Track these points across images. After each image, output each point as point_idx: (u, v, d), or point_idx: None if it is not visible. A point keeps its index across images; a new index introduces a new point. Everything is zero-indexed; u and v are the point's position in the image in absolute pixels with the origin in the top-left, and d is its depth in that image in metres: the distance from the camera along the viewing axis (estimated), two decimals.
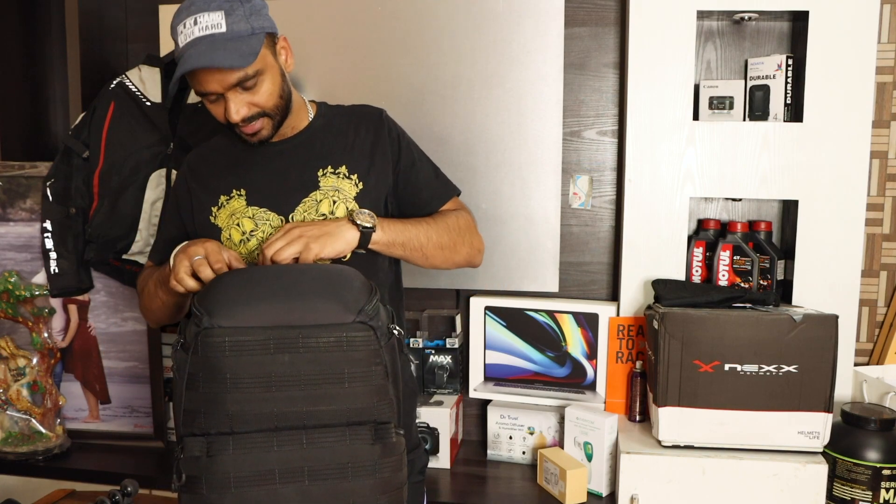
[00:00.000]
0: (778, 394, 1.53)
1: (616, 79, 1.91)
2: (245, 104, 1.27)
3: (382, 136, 1.41)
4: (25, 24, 2.17)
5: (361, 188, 1.36)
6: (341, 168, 1.36)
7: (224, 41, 1.20)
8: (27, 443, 1.90)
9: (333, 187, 1.35)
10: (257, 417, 1.01)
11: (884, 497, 1.51)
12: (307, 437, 1.02)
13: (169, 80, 1.91)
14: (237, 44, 1.21)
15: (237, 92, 1.25)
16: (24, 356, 1.93)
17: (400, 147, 1.43)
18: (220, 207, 1.37)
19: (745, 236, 1.80)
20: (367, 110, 1.46)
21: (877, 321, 1.88)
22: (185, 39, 1.22)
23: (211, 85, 1.24)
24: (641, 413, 1.78)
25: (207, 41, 1.20)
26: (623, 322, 1.82)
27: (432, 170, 1.48)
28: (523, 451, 1.87)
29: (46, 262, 1.91)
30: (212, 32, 1.20)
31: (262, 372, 1.01)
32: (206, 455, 1.01)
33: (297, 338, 1.02)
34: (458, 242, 1.40)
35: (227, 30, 1.21)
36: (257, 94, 1.27)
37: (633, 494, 1.57)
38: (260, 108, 1.28)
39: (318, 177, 1.36)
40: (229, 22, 1.21)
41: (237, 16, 1.22)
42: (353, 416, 1.03)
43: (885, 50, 1.82)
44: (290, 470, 1.01)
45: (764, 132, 1.73)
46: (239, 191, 1.37)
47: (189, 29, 1.21)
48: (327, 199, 1.34)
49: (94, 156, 1.89)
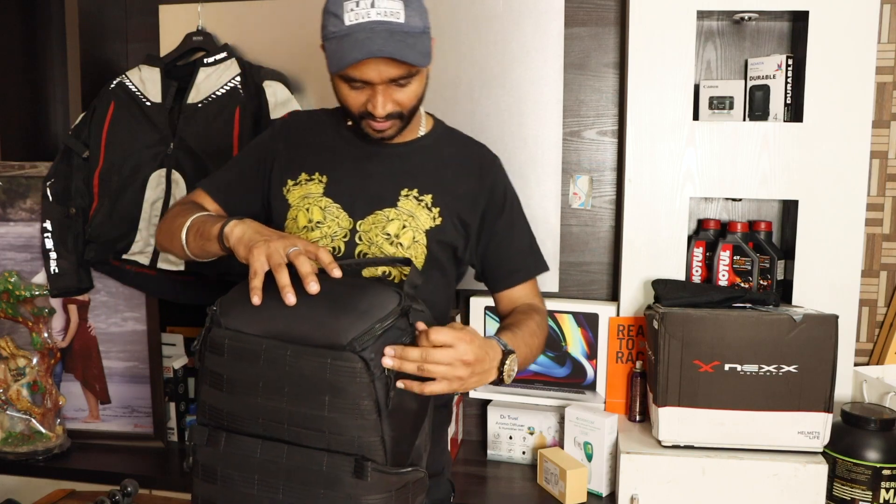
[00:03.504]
0: (778, 394, 1.53)
1: (616, 79, 1.91)
2: (392, 101, 1.18)
3: (485, 186, 1.32)
4: (25, 24, 2.17)
5: (437, 225, 1.27)
6: (426, 196, 1.27)
7: (402, 33, 1.11)
8: (27, 443, 1.90)
9: (409, 212, 1.26)
10: (247, 421, 1.01)
11: (884, 497, 1.51)
12: (288, 453, 0.99)
13: (169, 79, 1.91)
14: (415, 39, 1.12)
15: (389, 87, 1.17)
16: (24, 356, 1.93)
17: (504, 205, 1.33)
18: (298, 184, 1.30)
19: (745, 236, 1.80)
20: (482, 152, 1.36)
21: (877, 321, 1.88)
22: (355, 18, 1.11)
23: (369, 73, 1.14)
24: (641, 413, 1.77)
25: (385, 28, 1.10)
26: (623, 322, 1.82)
27: (529, 240, 1.38)
28: (523, 451, 1.87)
29: (46, 262, 1.91)
30: (389, 20, 1.10)
31: (253, 380, 1.00)
32: (204, 444, 1.04)
33: (285, 355, 0.97)
34: (544, 342, 1.31)
35: (405, 22, 1.11)
36: (404, 94, 1.18)
37: (633, 494, 1.57)
38: (400, 108, 1.20)
39: (400, 196, 1.27)
40: (407, 14, 1.11)
41: (413, 9, 1.13)
42: (334, 445, 0.97)
43: (885, 50, 1.82)
44: (269, 480, 1.00)
45: (764, 132, 1.73)
46: (321, 176, 1.29)
47: (363, 9, 1.10)
48: (399, 220, 1.26)
49: (94, 156, 1.89)
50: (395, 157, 1.30)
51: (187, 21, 2.01)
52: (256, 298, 1.00)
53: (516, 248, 1.35)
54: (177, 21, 2.03)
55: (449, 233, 1.28)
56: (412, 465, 1.03)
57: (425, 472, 1.06)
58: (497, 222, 1.32)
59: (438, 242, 1.27)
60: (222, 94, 1.87)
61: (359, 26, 1.11)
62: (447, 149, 1.34)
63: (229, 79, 1.88)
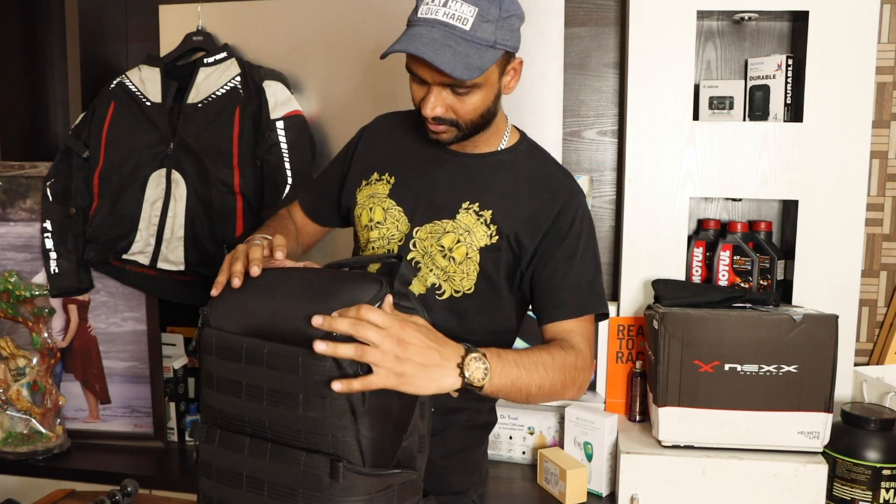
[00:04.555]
0: (778, 394, 1.53)
1: (616, 79, 1.91)
2: (444, 105, 1.15)
3: (553, 211, 1.24)
4: (25, 24, 2.17)
5: (493, 243, 1.22)
6: (486, 212, 1.23)
7: (459, 40, 1.08)
8: (27, 443, 1.90)
9: (466, 227, 1.23)
10: (234, 419, 1.02)
11: (884, 497, 1.51)
12: (271, 451, 0.98)
13: (169, 79, 1.91)
14: (470, 50, 1.09)
15: (444, 90, 1.14)
16: (24, 356, 1.93)
17: (568, 233, 1.24)
18: (369, 184, 1.31)
19: (745, 236, 1.80)
20: (560, 176, 1.29)
21: (877, 321, 1.88)
22: (425, 12, 1.10)
23: (422, 71, 1.13)
24: (641, 413, 1.77)
25: (443, 30, 1.08)
26: (623, 322, 1.82)
27: (590, 278, 1.26)
28: (523, 451, 1.87)
29: (46, 262, 1.91)
30: (454, 24, 1.08)
31: (236, 378, 1.00)
32: (202, 441, 1.05)
33: (263, 353, 0.96)
34: (569, 385, 1.17)
35: (471, 29, 1.08)
36: (462, 104, 1.15)
37: (633, 494, 1.57)
38: (455, 117, 1.17)
39: (461, 208, 1.24)
40: (477, 22, 1.08)
41: (488, 20, 1.09)
42: (311, 444, 0.95)
43: (885, 50, 1.82)
44: (256, 479, 0.99)
45: (764, 132, 1.73)
46: (389, 177, 1.29)
47: (436, 6, 1.09)
48: (454, 234, 1.23)
49: (94, 156, 1.89)
50: (466, 167, 1.27)
51: (187, 21, 2.01)
52: (214, 290, 1.05)
53: (571, 282, 1.24)
54: (177, 21, 2.03)
55: (504, 253, 1.23)
56: (400, 467, 1.00)
57: (418, 475, 1.04)
58: (556, 250, 1.24)
59: (492, 261, 1.23)
60: (222, 94, 1.87)
61: (424, 20, 1.10)
62: (524, 167, 1.28)
63: (229, 79, 1.88)
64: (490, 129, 1.25)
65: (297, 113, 1.88)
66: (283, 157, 1.84)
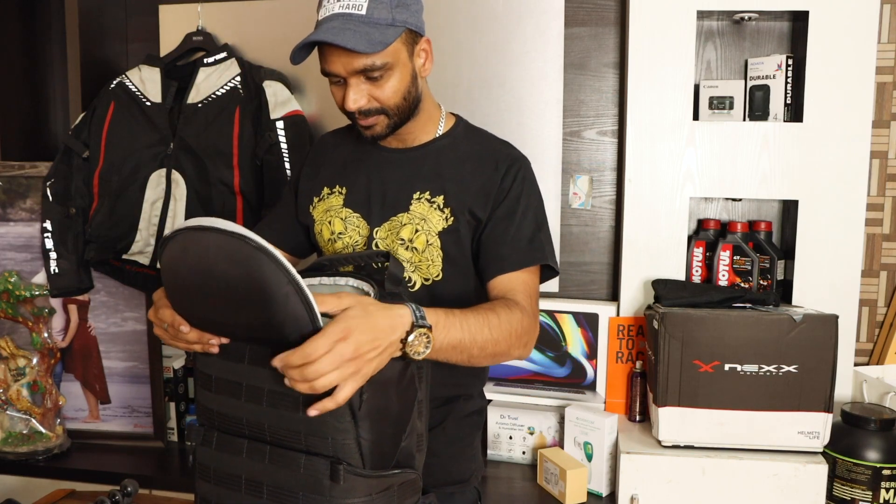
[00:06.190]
0: (778, 394, 1.53)
1: (616, 79, 1.91)
2: (365, 95, 1.19)
3: (496, 180, 1.27)
4: (25, 24, 2.18)
5: (449, 225, 1.26)
6: (438, 198, 1.26)
7: (359, 23, 1.13)
8: (27, 443, 1.90)
9: (421, 216, 1.26)
10: (232, 421, 1.01)
11: (884, 497, 1.51)
12: (271, 454, 0.98)
13: (169, 79, 1.91)
14: (371, 29, 1.13)
15: (360, 80, 1.18)
16: (24, 356, 1.93)
17: (508, 194, 1.26)
18: (321, 200, 1.34)
19: (745, 236, 1.80)
20: (501, 148, 1.32)
21: (877, 321, 1.88)
22: (324, 13, 1.16)
23: (335, 66, 1.16)
24: (641, 413, 1.77)
25: (342, 19, 1.13)
26: (623, 322, 1.82)
27: (529, 234, 1.27)
28: (523, 451, 1.87)
29: (46, 262, 1.91)
30: (350, 12, 1.13)
31: (235, 379, 1.00)
32: (199, 444, 1.05)
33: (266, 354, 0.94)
34: (514, 345, 1.16)
35: (367, 13, 1.13)
36: (380, 89, 1.18)
37: (633, 494, 1.57)
38: (380, 104, 1.20)
39: (412, 200, 1.27)
40: (371, 6, 1.14)
41: (382, 2, 1.15)
42: (311, 446, 0.95)
43: (885, 50, 1.82)
44: (254, 482, 0.99)
45: (764, 132, 1.73)
46: (341, 189, 1.33)
47: (332, 4, 1.15)
48: (411, 225, 1.26)
49: (94, 156, 1.89)
50: (410, 159, 1.31)
51: (187, 21, 2.01)
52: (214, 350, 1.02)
53: (511, 237, 1.25)
54: (177, 21, 2.04)
55: (462, 231, 1.26)
56: (399, 467, 1.01)
57: (417, 474, 1.04)
58: (497, 210, 1.26)
59: (453, 243, 1.26)
60: (222, 94, 1.87)
61: (324, 19, 1.15)
62: (465, 146, 1.31)
63: (229, 79, 1.88)
64: (422, 116, 1.28)
65: (297, 113, 1.88)
66: (283, 157, 1.84)
